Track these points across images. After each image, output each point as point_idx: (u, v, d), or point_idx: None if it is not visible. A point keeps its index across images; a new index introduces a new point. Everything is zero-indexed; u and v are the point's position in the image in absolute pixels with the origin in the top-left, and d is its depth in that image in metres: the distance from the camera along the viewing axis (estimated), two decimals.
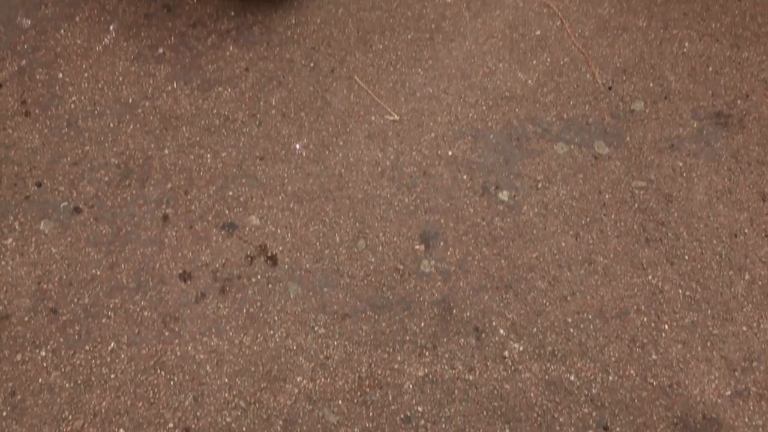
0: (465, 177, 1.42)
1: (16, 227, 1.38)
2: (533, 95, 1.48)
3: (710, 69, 1.50)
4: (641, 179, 1.41)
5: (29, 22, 1.53)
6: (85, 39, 1.52)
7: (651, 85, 1.49)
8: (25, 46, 1.51)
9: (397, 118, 1.47)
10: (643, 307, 1.32)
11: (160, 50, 1.52)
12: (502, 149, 1.44)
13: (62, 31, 1.53)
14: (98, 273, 1.35)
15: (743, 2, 1.56)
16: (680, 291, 1.33)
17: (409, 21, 1.56)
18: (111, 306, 1.33)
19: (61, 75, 1.48)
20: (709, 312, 1.32)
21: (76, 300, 1.33)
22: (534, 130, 1.45)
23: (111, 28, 1.54)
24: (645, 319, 1.31)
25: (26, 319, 1.32)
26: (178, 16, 1.55)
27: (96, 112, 1.45)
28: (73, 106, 1.45)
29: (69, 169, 1.42)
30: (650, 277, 1.34)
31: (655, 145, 1.44)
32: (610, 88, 1.48)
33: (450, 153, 1.44)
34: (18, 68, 1.49)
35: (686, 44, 1.52)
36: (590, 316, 1.32)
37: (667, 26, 1.54)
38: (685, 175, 1.41)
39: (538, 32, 1.54)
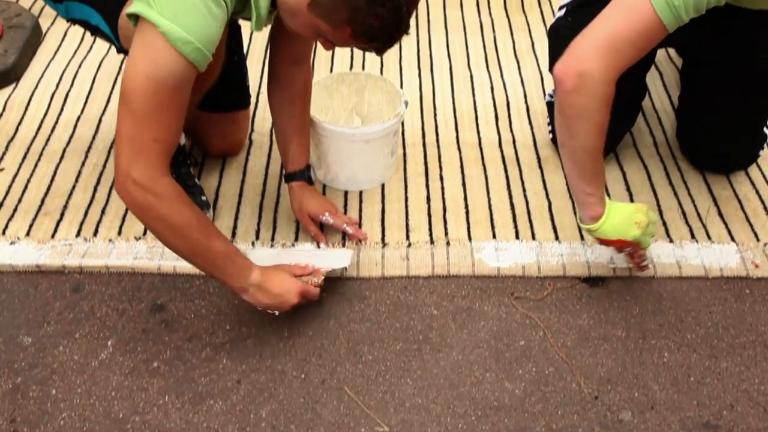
0: None
1: None
2: (521, 405, 1.49)
3: (692, 379, 1.53)
4: None
5: (30, 340, 1.58)
6: (82, 355, 1.56)
7: (636, 394, 1.51)
8: (23, 364, 1.54)
9: (387, 429, 1.46)
10: None
11: (155, 364, 1.55)
12: None
13: (61, 347, 1.57)
14: None
15: (714, 315, 1.64)
16: None
17: (398, 332, 1.62)
18: None
19: (54, 391, 1.50)
20: None
21: None
22: None
23: (109, 343, 1.58)
24: None
25: None
26: (174, 330, 1.61)
27: (84, 429, 1.44)
28: (62, 422, 1.45)
29: None
30: None
31: None
32: (596, 398, 1.50)
33: None
34: (12, 386, 1.50)
35: (666, 354, 1.58)
36: None
37: (645, 337, 1.60)
38: None
39: (522, 342, 1.60)
